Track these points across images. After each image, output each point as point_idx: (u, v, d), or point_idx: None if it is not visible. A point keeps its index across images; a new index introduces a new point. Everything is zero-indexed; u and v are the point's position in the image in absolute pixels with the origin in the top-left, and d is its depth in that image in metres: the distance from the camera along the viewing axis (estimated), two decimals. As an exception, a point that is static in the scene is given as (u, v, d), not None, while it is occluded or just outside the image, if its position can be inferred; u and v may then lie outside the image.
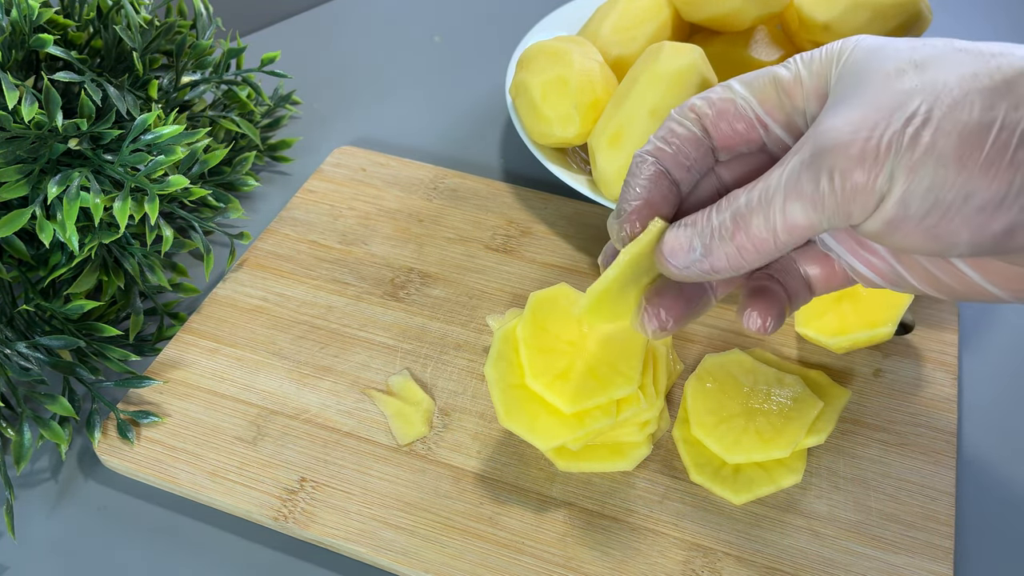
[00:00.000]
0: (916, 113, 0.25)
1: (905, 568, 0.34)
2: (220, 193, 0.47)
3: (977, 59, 0.25)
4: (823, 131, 0.26)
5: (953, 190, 0.25)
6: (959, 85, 0.25)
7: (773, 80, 0.29)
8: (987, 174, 0.24)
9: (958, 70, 0.25)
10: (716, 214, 0.28)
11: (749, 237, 0.27)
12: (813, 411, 0.37)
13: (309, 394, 0.40)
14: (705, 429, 0.37)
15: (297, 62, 0.63)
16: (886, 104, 0.25)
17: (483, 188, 0.51)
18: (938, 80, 0.25)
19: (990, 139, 0.24)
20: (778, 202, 0.26)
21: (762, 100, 0.29)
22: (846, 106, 0.26)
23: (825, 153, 0.25)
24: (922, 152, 0.25)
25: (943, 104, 0.25)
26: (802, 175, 0.26)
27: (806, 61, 0.29)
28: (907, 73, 0.26)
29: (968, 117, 0.24)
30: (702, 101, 0.30)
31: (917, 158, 0.25)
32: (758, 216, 0.27)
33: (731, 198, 0.28)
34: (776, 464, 0.37)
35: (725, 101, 0.30)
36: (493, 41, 0.66)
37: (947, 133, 0.24)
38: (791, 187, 0.26)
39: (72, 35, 0.45)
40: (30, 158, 0.39)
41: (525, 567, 0.34)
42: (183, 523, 0.38)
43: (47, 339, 0.39)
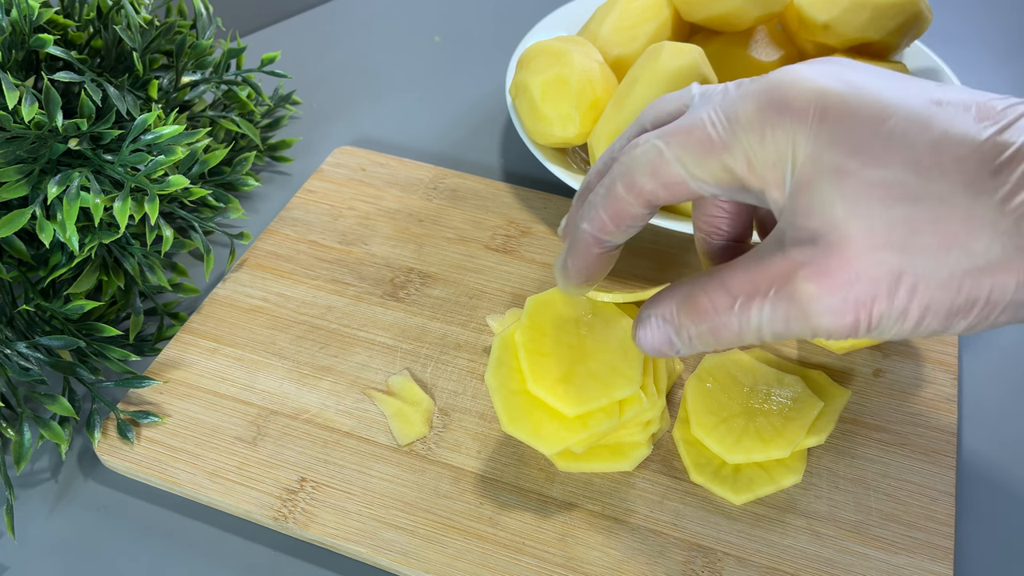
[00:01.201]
0: (901, 289, 0.25)
1: (905, 568, 0.34)
2: (220, 193, 0.47)
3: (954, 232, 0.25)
4: (810, 294, 0.26)
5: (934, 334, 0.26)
6: (945, 269, 0.25)
7: (723, 166, 0.28)
8: (970, 327, 0.26)
9: (942, 257, 0.25)
10: (694, 324, 0.29)
11: (726, 340, 0.29)
12: (813, 411, 0.37)
13: (309, 394, 0.40)
14: (705, 429, 0.37)
15: (297, 62, 0.63)
16: (867, 272, 0.25)
17: (483, 188, 0.51)
18: (916, 253, 0.25)
19: (975, 312, 0.25)
20: (766, 332, 0.28)
21: (716, 181, 0.29)
22: (825, 261, 0.26)
23: (813, 317, 0.26)
24: (912, 325, 0.26)
25: (929, 282, 0.25)
26: (791, 324, 0.27)
27: (755, 134, 0.27)
28: (881, 246, 0.25)
29: (955, 296, 0.25)
30: (652, 189, 0.29)
31: (907, 327, 0.26)
32: (738, 335, 0.28)
33: (706, 315, 0.29)
34: (776, 464, 0.37)
35: (678, 187, 0.29)
36: (493, 41, 0.66)
37: (935, 310, 0.25)
38: (781, 328, 0.27)
39: (72, 35, 0.45)
40: (30, 158, 0.39)
41: (525, 567, 0.34)
42: (183, 523, 0.38)
43: (47, 339, 0.39)
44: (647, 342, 0.31)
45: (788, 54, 0.52)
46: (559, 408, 0.34)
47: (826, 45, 0.49)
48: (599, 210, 0.31)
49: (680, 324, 0.29)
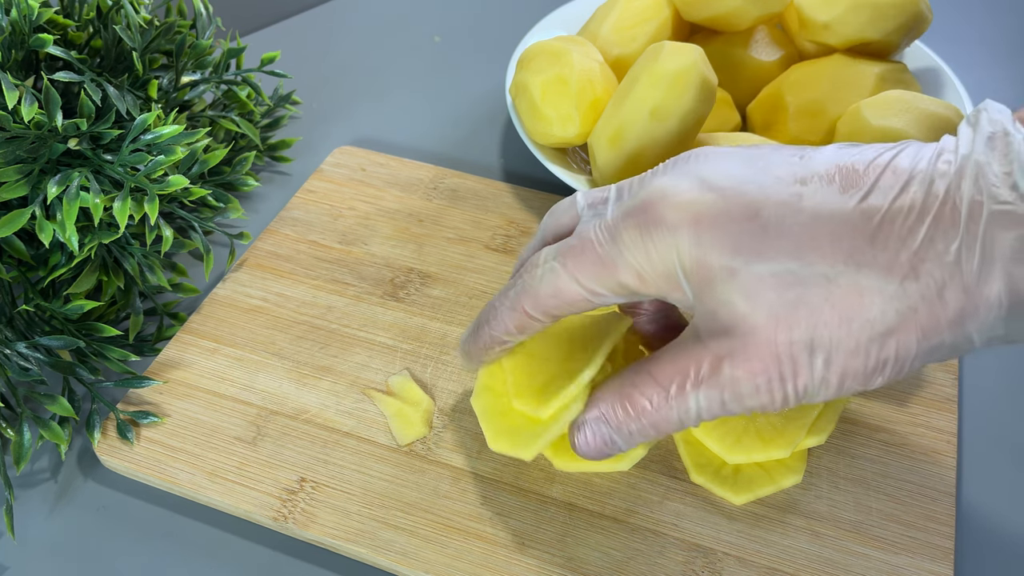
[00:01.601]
0: (816, 362, 0.27)
1: (905, 568, 0.34)
2: (220, 193, 0.47)
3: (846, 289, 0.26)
4: (736, 378, 0.28)
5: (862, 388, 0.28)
6: (841, 330, 0.26)
7: (619, 282, 0.29)
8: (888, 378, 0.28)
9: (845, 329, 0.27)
10: (631, 420, 0.30)
11: (667, 430, 0.30)
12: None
13: (309, 394, 0.40)
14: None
15: (297, 62, 0.63)
16: (775, 355, 0.27)
17: (483, 188, 0.51)
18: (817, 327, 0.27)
19: (888, 369, 0.27)
20: (705, 415, 0.29)
21: (615, 293, 0.30)
22: (745, 354, 0.28)
23: (747, 398, 0.28)
24: (834, 390, 0.28)
25: (837, 352, 0.27)
26: (728, 405, 0.29)
27: (640, 252, 0.29)
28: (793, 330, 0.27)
29: (864, 362, 0.27)
30: (556, 306, 0.31)
31: (831, 392, 0.28)
32: (678, 423, 0.30)
33: (645, 411, 0.30)
34: (776, 464, 0.37)
35: (579, 300, 0.31)
36: (493, 41, 0.66)
37: (852, 375, 0.27)
38: (718, 410, 0.29)
39: (72, 35, 0.45)
40: (30, 158, 0.39)
41: (525, 567, 0.34)
42: (183, 523, 0.38)
43: (47, 339, 0.39)
44: (587, 448, 0.32)
45: (788, 54, 0.52)
46: (533, 413, 0.34)
47: (826, 45, 0.49)
48: (504, 319, 0.32)
49: (619, 423, 0.31)
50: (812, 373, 0.27)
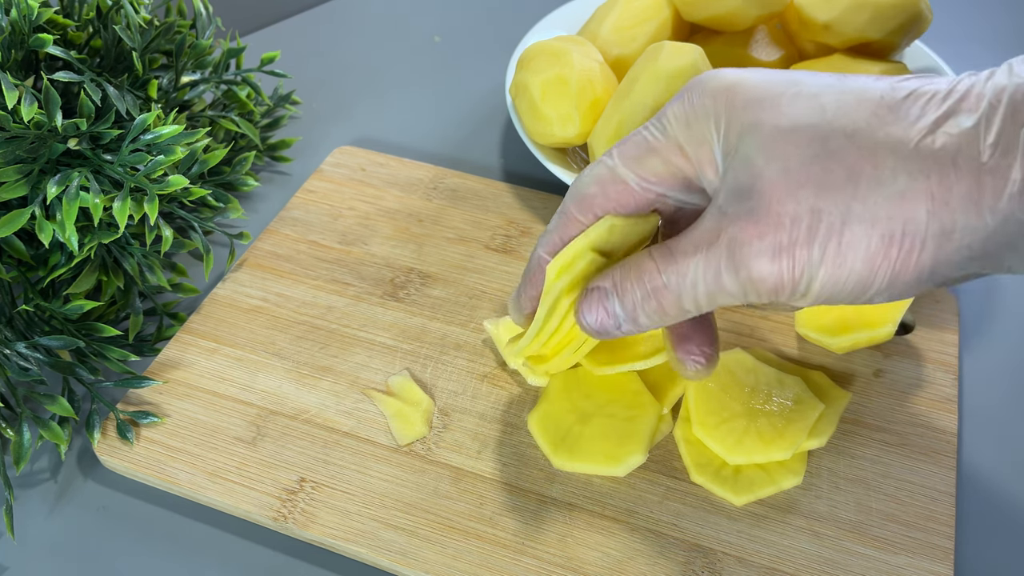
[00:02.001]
0: (822, 228, 0.26)
1: (905, 568, 0.34)
2: (220, 193, 0.47)
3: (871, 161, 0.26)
4: (737, 240, 0.27)
5: (872, 287, 0.27)
6: (859, 205, 0.26)
7: (662, 160, 0.30)
8: (900, 271, 0.26)
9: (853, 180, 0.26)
10: (636, 285, 0.30)
11: (669, 307, 0.30)
12: (814, 413, 0.37)
13: (309, 394, 0.40)
14: (707, 429, 0.37)
15: (297, 62, 0.63)
16: (790, 216, 0.26)
17: (483, 188, 0.51)
18: (835, 192, 0.26)
19: (896, 250, 0.26)
20: (701, 289, 0.28)
21: (658, 179, 0.30)
22: (752, 213, 0.27)
23: (742, 264, 0.27)
24: (834, 267, 0.26)
25: (850, 221, 0.26)
26: (723, 277, 0.28)
27: (680, 122, 0.30)
28: (803, 186, 0.26)
29: (870, 233, 0.26)
30: (596, 198, 0.31)
31: (831, 269, 0.26)
32: (678, 296, 0.29)
33: (646, 274, 0.30)
34: (777, 466, 0.37)
35: (622, 192, 0.31)
36: (493, 41, 0.66)
37: (856, 248, 0.26)
38: (713, 281, 0.28)
39: (72, 35, 0.45)
40: (30, 158, 0.39)
41: (525, 567, 0.34)
42: (183, 523, 0.38)
43: (46, 339, 0.39)
44: (587, 315, 0.31)
45: (788, 54, 0.52)
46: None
47: (826, 45, 0.49)
48: (553, 234, 0.33)
49: (624, 290, 0.30)
50: (814, 242, 0.26)
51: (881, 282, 0.27)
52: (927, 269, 0.26)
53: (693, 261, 0.28)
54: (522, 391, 0.40)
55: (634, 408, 0.38)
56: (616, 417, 0.38)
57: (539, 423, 0.38)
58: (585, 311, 0.31)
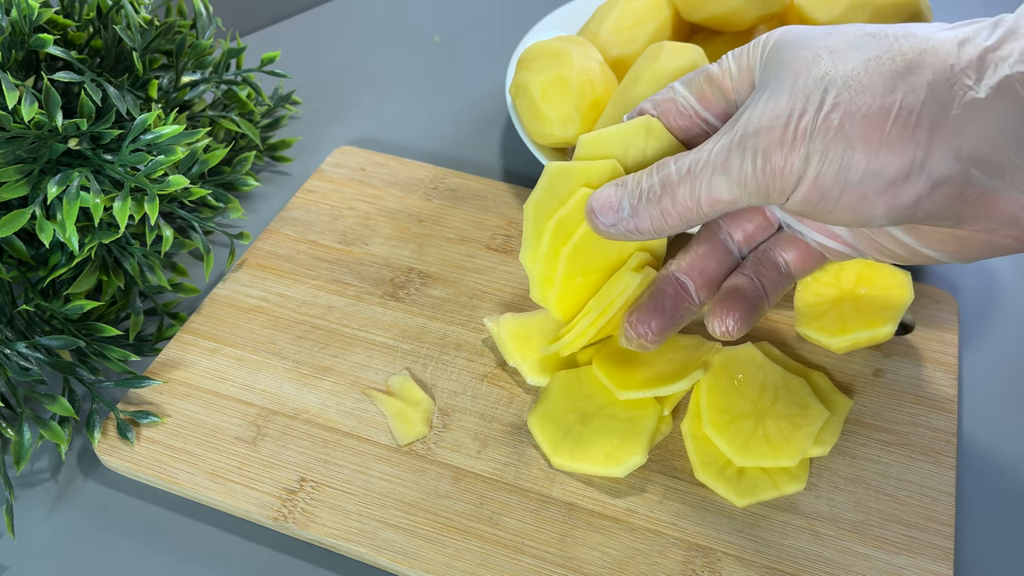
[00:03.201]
0: (829, 98, 0.27)
1: (905, 568, 0.34)
2: (220, 193, 0.47)
3: (882, 43, 0.27)
4: (749, 115, 0.28)
5: (861, 168, 0.27)
6: (865, 69, 0.27)
7: (707, 77, 0.32)
8: (891, 151, 0.26)
9: (865, 54, 0.27)
10: (646, 178, 0.31)
11: (674, 204, 0.30)
12: (819, 420, 0.37)
13: (309, 394, 0.40)
14: (717, 427, 0.37)
15: (297, 62, 0.63)
16: (802, 90, 0.27)
17: (483, 188, 0.51)
18: (848, 65, 0.27)
19: (891, 120, 0.26)
20: (706, 175, 0.29)
21: (699, 97, 0.32)
22: (769, 93, 0.28)
23: (750, 136, 0.28)
24: (832, 135, 0.27)
25: (851, 88, 0.27)
26: (730, 153, 0.28)
27: (736, 55, 0.32)
28: (823, 59, 0.28)
29: (871, 100, 0.26)
30: (649, 104, 0.33)
31: (828, 141, 0.27)
32: (685, 185, 0.30)
33: (661, 165, 0.31)
34: (780, 471, 0.37)
35: (667, 102, 0.33)
36: (493, 41, 0.66)
37: (853, 116, 0.26)
38: (719, 163, 0.29)
39: (72, 35, 0.45)
40: (30, 158, 0.39)
41: (525, 567, 0.34)
42: (183, 523, 0.38)
43: (47, 339, 0.39)
44: (597, 204, 0.32)
45: (788, 54, 0.52)
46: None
47: (826, 45, 0.49)
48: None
49: (636, 180, 0.31)
50: (820, 104, 0.27)
51: (870, 165, 0.27)
52: (923, 146, 0.26)
53: (707, 145, 0.29)
54: (522, 391, 0.40)
55: (634, 409, 0.38)
56: (616, 417, 0.38)
57: (539, 423, 0.38)
58: (593, 200, 0.32)
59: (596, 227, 0.32)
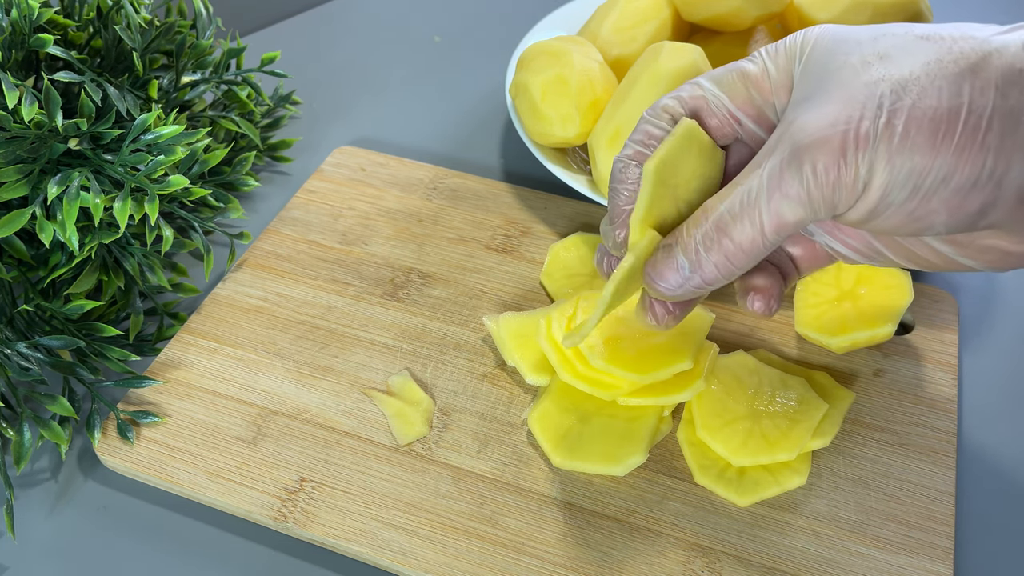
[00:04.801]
0: (888, 104, 0.26)
1: (905, 568, 0.34)
2: (220, 193, 0.47)
3: (939, 45, 0.26)
4: (799, 128, 0.27)
5: (931, 175, 0.26)
6: (925, 73, 0.26)
7: (741, 75, 0.30)
8: (960, 157, 0.25)
9: (922, 58, 0.26)
10: (697, 228, 0.29)
11: (736, 243, 0.28)
12: (818, 414, 0.37)
13: (309, 394, 0.40)
14: (711, 431, 0.37)
15: (297, 62, 0.63)
16: (858, 97, 0.26)
17: (483, 188, 0.51)
18: (904, 69, 0.26)
19: (960, 124, 0.25)
20: (763, 203, 0.27)
21: (732, 96, 0.30)
22: (818, 101, 0.27)
23: (805, 150, 0.26)
24: (898, 141, 0.25)
25: (912, 93, 0.26)
26: (784, 174, 0.27)
27: (771, 54, 0.30)
28: (873, 65, 0.26)
29: (937, 103, 0.25)
30: (674, 101, 0.31)
31: (894, 147, 0.25)
32: (744, 221, 0.28)
33: (708, 209, 0.29)
34: (781, 466, 0.37)
35: (697, 99, 0.31)
36: (493, 41, 0.66)
37: (919, 121, 0.25)
38: (775, 187, 0.27)
39: (72, 35, 0.45)
40: (30, 158, 0.39)
41: (525, 567, 0.34)
42: (183, 523, 0.38)
43: (47, 339, 0.39)
44: (654, 271, 0.30)
45: (788, 54, 0.52)
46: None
47: (826, 45, 0.49)
48: (629, 141, 0.32)
49: (687, 236, 0.29)
50: (877, 112, 0.26)
51: (939, 171, 0.25)
52: (993, 152, 0.25)
53: (754, 174, 0.27)
54: (522, 391, 0.40)
55: (634, 408, 0.38)
56: (616, 417, 0.38)
57: (539, 422, 0.38)
58: (649, 269, 0.30)
59: (662, 294, 0.31)
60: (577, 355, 0.38)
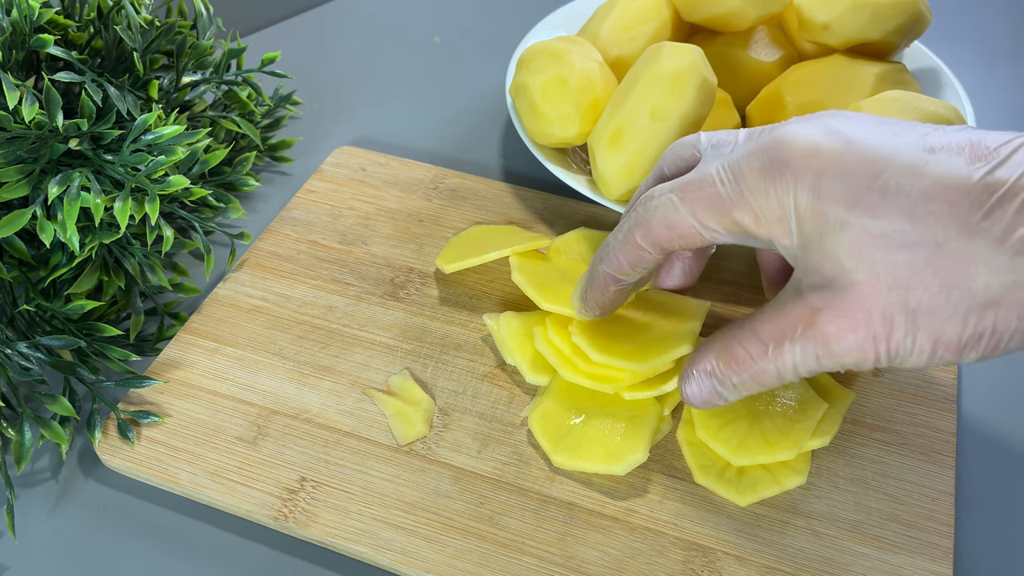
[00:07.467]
0: (915, 323, 0.27)
1: (905, 568, 0.34)
2: (220, 193, 0.47)
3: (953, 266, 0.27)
4: (831, 334, 0.28)
5: (956, 360, 0.28)
6: (949, 307, 0.27)
7: (733, 220, 0.30)
8: (985, 356, 0.28)
9: (945, 296, 0.27)
10: (733, 373, 0.32)
11: (767, 383, 0.31)
12: (818, 413, 0.37)
13: (309, 394, 0.40)
14: (710, 431, 0.37)
15: (297, 62, 0.63)
16: (882, 312, 0.27)
17: (483, 188, 0.51)
18: (924, 301, 0.27)
19: (982, 346, 0.27)
20: (801, 371, 0.30)
21: (727, 231, 0.31)
22: (841, 309, 0.28)
23: (841, 356, 0.29)
24: (922, 352, 0.28)
25: (937, 320, 0.27)
26: (822, 362, 0.29)
27: (759, 192, 0.29)
28: (892, 291, 0.27)
29: (962, 331, 0.27)
30: (667, 238, 0.32)
31: (920, 358, 0.28)
32: (775, 377, 0.31)
33: (745, 364, 0.31)
34: (781, 466, 0.37)
35: (691, 235, 0.32)
36: (493, 41, 0.66)
37: (947, 346, 0.27)
38: (813, 366, 0.30)
39: (72, 35, 0.45)
40: (31, 158, 0.39)
41: (525, 567, 0.34)
42: (183, 523, 0.38)
43: (48, 339, 0.39)
44: (695, 396, 0.33)
45: (788, 54, 0.52)
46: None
47: (826, 45, 0.49)
48: (617, 254, 0.34)
49: (723, 375, 0.32)
50: (905, 337, 0.27)
51: (970, 358, 0.28)
52: (1011, 350, 0.27)
53: (786, 350, 0.30)
54: (522, 390, 0.40)
55: (635, 407, 0.38)
56: (617, 416, 0.38)
57: (539, 422, 0.38)
58: (689, 391, 0.34)
59: (699, 408, 0.34)
60: (577, 353, 0.38)
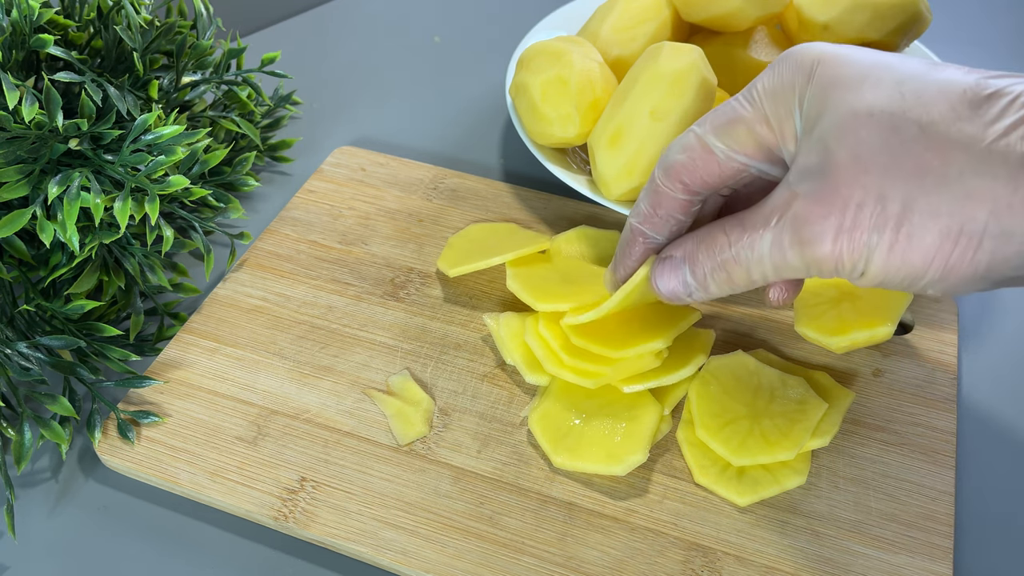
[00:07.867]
0: (886, 215, 0.26)
1: (905, 568, 0.34)
2: (220, 193, 0.47)
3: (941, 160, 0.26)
4: (802, 217, 0.28)
5: (925, 277, 0.27)
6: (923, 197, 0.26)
7: (748, 130, 0.31)
8: (951, 269, 0.26)
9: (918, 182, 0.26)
10: (707, 259, 0.32)
11: (737, 278, 0.31)
12: (818, 413, 0.37)
13: (309, 394, 0.40)
14: (710, 431, 0.37)
15: (297, 62, 0.63)
16: (856, 199, 0.27)
17: (483, 188, 0.51)
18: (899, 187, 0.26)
19: (951, 246, 0.26)
20: (766, 264, 0.30)
21: (743, 149, 0.31)
22: (817, 194, 0.28)
23: (806, 243, 0.28)
24: (889, 252, 0.27)
25: (910, 209, 0.26)
26: (788, 251, 0.29)
27: (769, 94, 0.30)
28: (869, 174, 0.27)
29: (931, 225, 0.26)
30: (684, 166, 0.32)
31: (885, 256, 0.27)
32: (746, 269, 0.30)
33: (719, 248, 0.31)
34: (781, 466, 0.37)
35: (708, 160, 0.32)
36: (493, 41, 0.66)
37: (913, 238, 0.26)
38: (778, 256, 0.29)
39: (72, 35, 0.45)
40: (30, 158, 0.39)
41: (525, 567, 0.34)
42: (183, 523, 0.38)
43: (48, 339, 0.39)
44: (663, 281, 0.33)
45: (788, 54, 0.52)
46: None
47: (826, 45, 0.49)
48: (642, 203, 0.34)
49: (696, 260, 0.32)
50: (875, 228, 0.26)
51: (934, 275, 0.27)
52: (983, 267, 0.26)
53: (760, 235, 0.29)
54: (522, 390, 0.40)
55: (635, 408, 0.38)
56: (617, 416, 0.38)
57: (539, 422, 0.38)
58: (658, 277, 0.33)
59: (668, 301, 0.34)
60: (564, 346, 0.38)
